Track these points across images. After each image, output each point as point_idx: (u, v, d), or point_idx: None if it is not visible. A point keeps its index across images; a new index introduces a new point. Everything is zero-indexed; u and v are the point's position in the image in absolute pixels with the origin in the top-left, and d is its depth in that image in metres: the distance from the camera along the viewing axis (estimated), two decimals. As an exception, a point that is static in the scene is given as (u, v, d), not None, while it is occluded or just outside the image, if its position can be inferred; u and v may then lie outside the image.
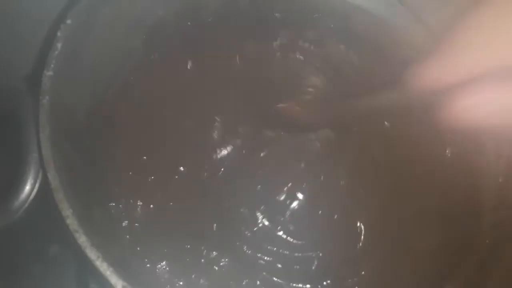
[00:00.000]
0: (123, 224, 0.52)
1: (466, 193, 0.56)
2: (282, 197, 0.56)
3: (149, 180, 0.55)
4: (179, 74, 0.62)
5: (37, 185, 0.43)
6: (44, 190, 0.43)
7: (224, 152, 0.57)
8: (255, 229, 0.54)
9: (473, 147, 0.57)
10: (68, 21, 0.45)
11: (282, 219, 0.55)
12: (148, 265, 0.51)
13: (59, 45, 0.44)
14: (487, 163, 0.56)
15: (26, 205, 0.43)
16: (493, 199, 0.54)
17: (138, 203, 0.54)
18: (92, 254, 0.37)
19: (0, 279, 0.60)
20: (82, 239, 0.38)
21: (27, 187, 0.43)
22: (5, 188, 0.63)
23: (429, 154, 0.57)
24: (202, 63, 0.62)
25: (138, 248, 0.52)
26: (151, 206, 0.54)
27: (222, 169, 0.56)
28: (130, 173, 0.55)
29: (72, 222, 0.38)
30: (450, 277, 0.53)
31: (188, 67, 0.62)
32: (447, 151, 0.58)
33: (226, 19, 0.65)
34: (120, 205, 0.53)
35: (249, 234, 0.54)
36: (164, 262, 0.52)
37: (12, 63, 0.76)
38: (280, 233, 0.54)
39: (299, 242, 0.54)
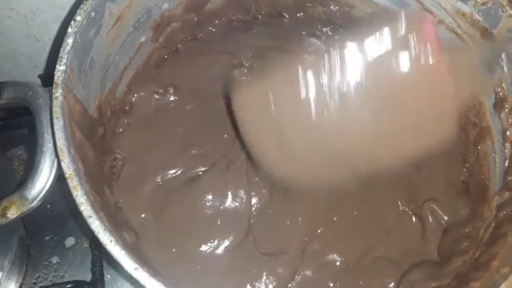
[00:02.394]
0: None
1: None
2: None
3: (158, 171, 0.57)
4: (187, 68, 0.64)
5: (52, 174, 0.45)
6: (60, 180, 0.44)
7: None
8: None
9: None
10: (78, 18, 0.46)
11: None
12: (158, 248, 0.53)
13: (69, 40, 0.45)
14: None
15: (43, 193, 0.44)
16: (499, 182, 0.55)
17: (147, 191, 0.56)
18: (104, 238, 0.39)
19: (19, 269, 0.62)
20: (95, 225, 0.39)
21: (44, 176, 0.44)
22: (23, 177, 0.66)
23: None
24: (209, 58, 0.64)
25: (148, 233, 0.53)
26: (160, 194, 0.56)
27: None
28: (139, 161, 0.57)
29: (85, 208, 0.39)
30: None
31: (198, 63, 0.64)
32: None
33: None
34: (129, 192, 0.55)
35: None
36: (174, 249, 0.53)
37: (27, 59, 0.78)
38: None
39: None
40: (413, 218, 0.57)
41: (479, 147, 0.58)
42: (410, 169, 0.58)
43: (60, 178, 0.44)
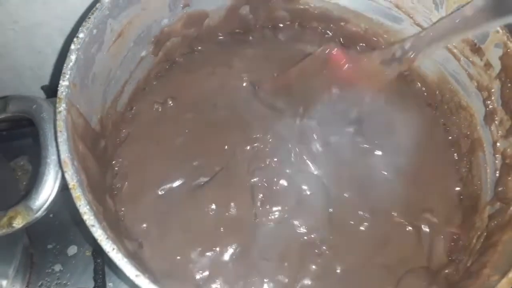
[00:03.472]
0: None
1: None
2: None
3: (159, 181, 0.58)
4: (188, 81, 0.65)
5: (56, 185, 0.46)
6: (63, 190, 0.45)
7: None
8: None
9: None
10: (80, 35, 0.47)
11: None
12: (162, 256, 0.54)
13: (72, 57, 0.46)
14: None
15: (47, 204, 0.46)
16: (490, 193, 0.57)
17: (149, 201, 0.57)
18: (107, 246, 0.40)
19: (22, 277, 0.63)
20: (98, 233, 0.40)
21: (48, 187, 0.46)
22: (27, 189, 0.68)
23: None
24: (208, 69, 0.66)
25: (151, 241, 0.55)
26: (162, 204, 0.57)
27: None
28: (141, 171, 0.58)
29: (88, 217, 0.41)
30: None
31: (197, 75, 0.66)
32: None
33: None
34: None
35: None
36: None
37: (29, 71, 0.80)
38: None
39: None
40: (408, 228, 0.58)
41: (471, 158, 0.60)
42: (406, 183, 0.60)
43: (63, 188, 0.45)
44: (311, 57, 0.60)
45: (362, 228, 0.57)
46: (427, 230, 0.58)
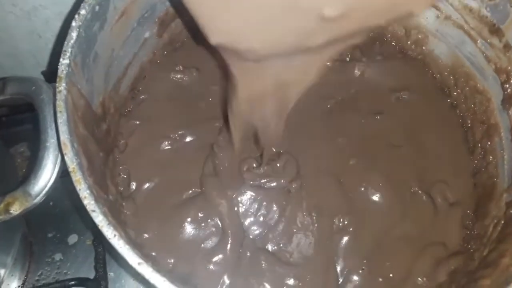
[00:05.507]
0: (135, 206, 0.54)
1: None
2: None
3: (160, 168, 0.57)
4: (191, 67, 0.63)
5: (56, 170, 0.44)
6: (63, 177, 0.44)
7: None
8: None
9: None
10: (82, 11, 0.45)
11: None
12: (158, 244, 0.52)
13: (73, 34, 0.44)
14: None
15: (46, 189, 0.44)
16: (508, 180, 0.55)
17: (148, 185, 0.55)
18: (108, 232, 0.38)
19: (21, 266, 0.61)
20: (99, 219, 0.39)
21: (47, 172, 0.44)
22: (27, 173, 0.66)
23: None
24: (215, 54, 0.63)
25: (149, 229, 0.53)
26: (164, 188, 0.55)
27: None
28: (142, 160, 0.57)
29: (89, 202, 0.39)
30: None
31: (200, 61, 0.64)
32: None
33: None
34: (132, 187, 0.55)
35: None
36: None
37: (29, 56, 0.78)
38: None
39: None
40: (424, 198, 0.57)
41: (487, 144, 0.58)
42: (416, 155, 0.59)
43: (63, 175, 0.43)
44: None
45: (377, 198, 0.56)
46: (440, 201, 0.56)
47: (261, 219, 0.55)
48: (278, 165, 0.56)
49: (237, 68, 0.43)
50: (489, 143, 0.58)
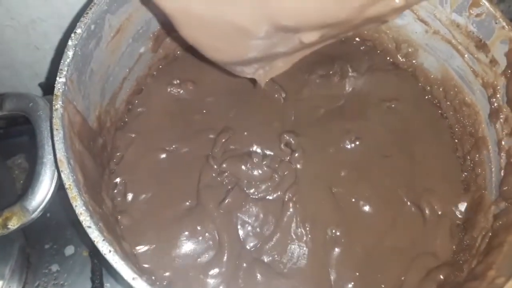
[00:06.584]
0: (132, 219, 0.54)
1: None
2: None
3: (156, 180, 0.57)
4: (187, 80, 0.64)
5: (53, 185, 0.45)
6: (60, 190, 0.44)
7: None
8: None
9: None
10: (78, 31, 0.46)
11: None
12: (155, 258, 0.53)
13: (70, 53, 0.45)
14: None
15: (43, 204, 0.45)
16: (495, 192, 0.56)
17: (144, 197, 0.56)
18: (104, 248, 0.39)
19: (19, 278, 0.62)
20: (94, 235, 0.40)
21: (44, 187, 0.45)
22: (24, 188, 0.67)
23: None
24: (211, 69, 0.64)
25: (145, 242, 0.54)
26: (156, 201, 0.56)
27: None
28: (138, 172, 0.58)
29: (84, 218, 0.40)
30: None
31: (196, 73, 0.65)
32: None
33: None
34: (128, 199, 0.56)
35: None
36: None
37: (27, 68, 0.79)
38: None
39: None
40: (413, 208, 0.57)
41: (475, 157, 0.59)
42: (406, 165, 0.60)
43: (60, 188, 0.44)
44: None
45: (367, 209, 0.57)
46: (430, 213, 0.57)
47: (258, 230, 0.56)
48: (276, 176, 0.57)
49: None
50: (477, 155, 0.58)
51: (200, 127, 0.61)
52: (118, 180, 0.57)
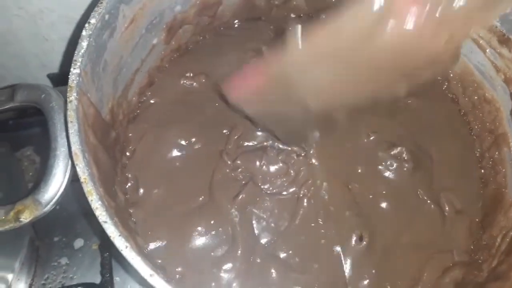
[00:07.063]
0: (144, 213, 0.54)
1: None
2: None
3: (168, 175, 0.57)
4: (200, 72, 0.63)
5: (66, 178, 0.44)
6: (74, 183, 0.43)
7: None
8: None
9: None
10: (92, 21, 0.45)
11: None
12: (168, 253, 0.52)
13: (84, 44, 0.44)
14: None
15: (56, 197, 0.44)
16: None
17: (156, 192, 0.55)
18: (120, 243, 0.38)
19: (28, 270, 0.61)
20: (110, 230, 0.39)
21: (57, 180, 0.44)
22: (34, 181, 0.66)
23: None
24: (223, 60, 0.64)
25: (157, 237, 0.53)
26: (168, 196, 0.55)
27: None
28: (150, 167, 0.57)
29: (100, 213, 0.39)
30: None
31: (209, 66, 0.64)
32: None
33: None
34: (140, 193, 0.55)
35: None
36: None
37: (35, 59, 0.78)
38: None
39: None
40: (432, 205, 0.56)
41: (495, 154, 0.58)
42: (422, 155, 0.59)
43: (71, 180, 0.44)
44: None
45: (385, 206, 0.56)
46: (449, 210, 0.56)
47: (272, 225, 0.55)
48: (291, 171, 0.56)
49: None
50: (497, 153, 0.57)
51: (213, 121, 0.60)
52: (130, 174, 0.56)
